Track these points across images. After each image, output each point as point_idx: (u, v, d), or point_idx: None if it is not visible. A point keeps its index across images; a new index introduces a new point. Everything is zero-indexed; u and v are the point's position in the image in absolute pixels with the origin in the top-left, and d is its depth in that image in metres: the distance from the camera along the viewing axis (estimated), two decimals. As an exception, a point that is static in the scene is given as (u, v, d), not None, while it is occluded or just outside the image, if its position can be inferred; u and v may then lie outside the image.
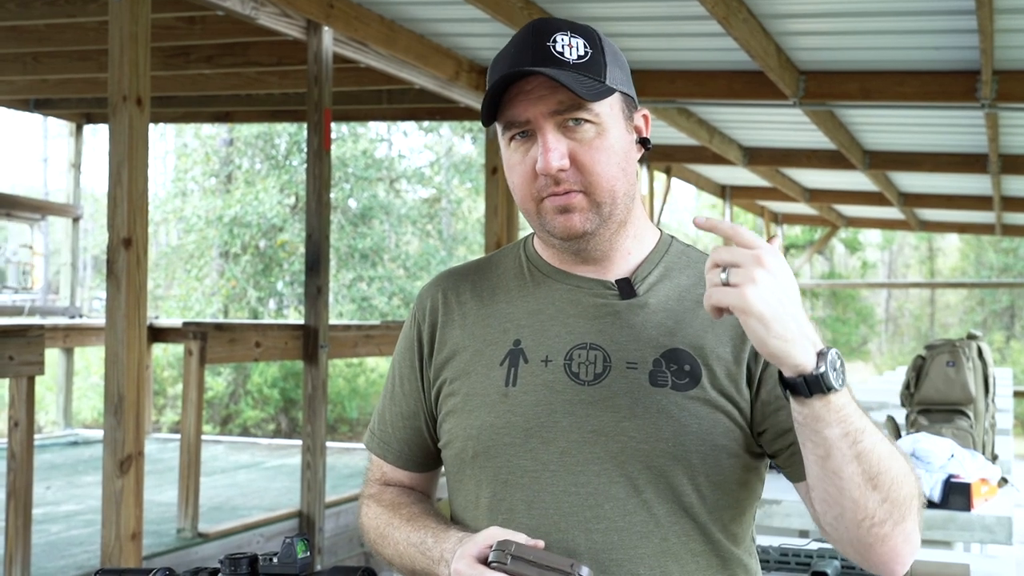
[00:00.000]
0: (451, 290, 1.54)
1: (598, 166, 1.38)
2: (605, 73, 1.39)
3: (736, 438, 1.40)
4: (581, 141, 1.38)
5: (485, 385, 1.44)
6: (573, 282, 1.46)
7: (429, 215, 20.48)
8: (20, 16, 6.39)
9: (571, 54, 1.38)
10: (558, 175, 1.37)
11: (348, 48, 5.95)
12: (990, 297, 26.13)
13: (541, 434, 1.40)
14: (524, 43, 1.40)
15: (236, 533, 5.50)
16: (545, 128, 1.37)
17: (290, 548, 1.34)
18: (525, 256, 1.53)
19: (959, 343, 3.71)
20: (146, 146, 4.12)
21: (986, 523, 3.01)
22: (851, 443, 1.24)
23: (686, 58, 6.23)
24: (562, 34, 1.39)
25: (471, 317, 1.50)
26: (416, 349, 1.54)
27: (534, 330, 1.45)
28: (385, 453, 1.59)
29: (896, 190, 10.71)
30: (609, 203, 1.40)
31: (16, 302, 10.24)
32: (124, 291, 4.02)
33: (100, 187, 19.55)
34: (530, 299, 1.48)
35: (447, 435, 1.49)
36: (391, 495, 1.57)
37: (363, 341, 7.15)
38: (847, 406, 1.24)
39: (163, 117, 9.91)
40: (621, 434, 1.37)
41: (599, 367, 1.40)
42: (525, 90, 1.37)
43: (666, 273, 1.47)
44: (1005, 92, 5.81)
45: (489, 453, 1.42)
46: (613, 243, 1.45)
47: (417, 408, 1.54)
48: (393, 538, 1.49)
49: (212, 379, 17.47)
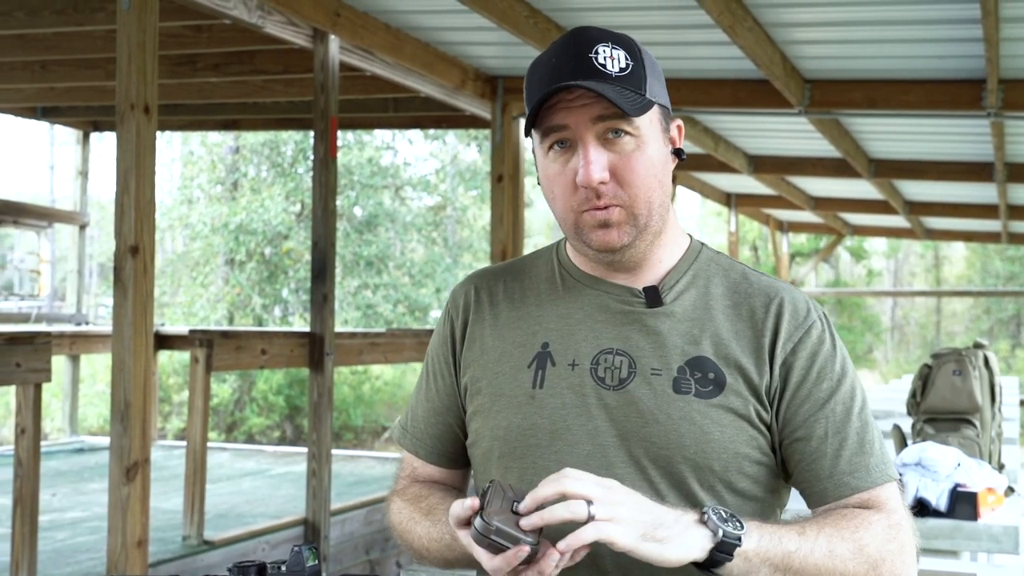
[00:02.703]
0: (484, 289, 1.55)
1: (637, 179, 1.39)
2: (645, 86, 1.39)
3: (760, 446, 1.41)
4: (621, 154, 1.38)
5: (512, 386, 1.46)
6: (603, 288, 1.47)
7: (434, 223, 20.49)
8: (28, 24, 6.41)
9: (613, 66, 1.38)
10: (599, 188, 1.37)
11: (354, 56, 5.97)
12: (996, 306, 26.08)
13: (566, 437, 1.41)
14: (566, 53, 1.39)
15: (241, 540, 5.50)
16: (587, 139, 1.37)
17: (299, 556, 1.35)
18: (557, 260, 1.54)
19: (965, 352, 3.71)
20: (153, 154, 4.13)
21: (993, 532, 3.00)
22: (785, 571, 1.29)
23: (691, 66, 6.24)
24: (604, 45, 1.39)
25: (502, 318, 1.52)
26: (449, 344, 1.55)
27: (562, 334, 1.46)
28: (417, 449, 1.60)
29: (902, 198, 10.70)
30: (646, 215, 1.41)
31: (23, 309, 10.27)
32: (131, 298, 4.03)
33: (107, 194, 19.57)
34: (560, 303, 1.49)
35: (474, 434, 1.51)
36: (415, 490, 1.58)
37: (368, 349, 7.15)
38: (761, 542, 1.27)
39: (169, 125, 9.93)
40: (644, 439, 1.39)
41: (624, 372, 1.41)
42: (567, 99, 1.37)
43: (694, 280, 1.48)
44: (1011, 101, 5.81)
45: (515, 454, 1.44)
46: (647, 253, 1.46)
47: (451, 403, 1.56)
48: (416, 533, 1.51)
49: (217, 386, 17.47)
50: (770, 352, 1.42)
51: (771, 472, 1.44)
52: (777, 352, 1.42)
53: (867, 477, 1.40)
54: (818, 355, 1.43)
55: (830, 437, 1.40)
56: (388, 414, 19.41)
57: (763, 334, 1.43)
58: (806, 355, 1.42)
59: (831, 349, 1.44)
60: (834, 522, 1.35)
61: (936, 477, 3.10)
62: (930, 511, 3.08)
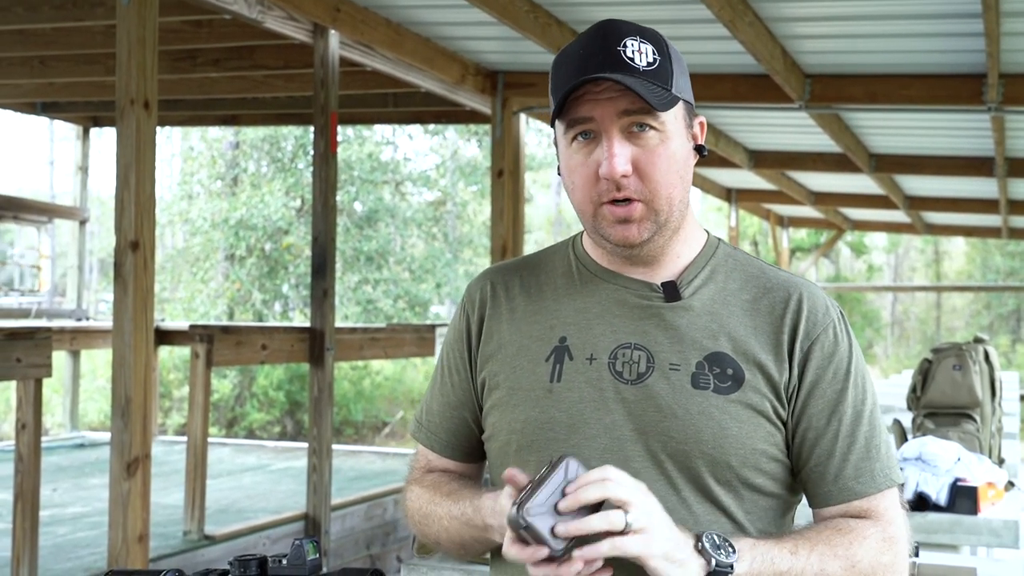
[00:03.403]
0: (500, 284, 1.55)
1: (659, 174, 1.39)
2: (672, 82, 1.39)
3: (776, 443, 1.42)
4: (644, 148, 1.38)
5: (530, 380, 1.46)
6: (620, 282, 1.47)
7: (435, 218, 20.47)
8: (27, 20, 6.40)
9: (641, 60, 1.38)
10: (620, 181, 1.37)
11: (354, 51, 5.96)
12: (996, 301, 26.08)
13: (584, 430, 1.42)
14: (593, 45, 1.39)
15: (242, 535, 5.51)
16: (611, 131, 1.38)
17: (300, 550, 1.35)
18: (574, 254, 1.54)
19: (965, 347, 3.71)
20: (153, 149, 4.13)
21: (993, 527, 3.01)
22: None
23: (692, 61, 6.17)
24: (632, 39, 1.39)
25: (519, 312, 1.52)
26: (465, 340, 1.56)
27: (580, 328, 1.46)
28: (432, 443, 1.61)
29: (902, 193, 10.69)
30: (666, 211, 1.41)
31: (23, 304, 10.27)
32: (131, 294, 4.03)
33: (107, 190, 19.57)
34: (577, 297, 1.49)
35: (491, 428, 1.51)
36: (434, 477, 1.58)
37: (369, 344, 7.16)
38: (752, 565, 1.29)
39: (169, 120, 9.93)
40: (662, 434, 1.39)
41: (642, 367, 1.41)
42: (594, 91, 1.37)
43: (712, 276, 1.48)
44: (1011, 95, 5.81)
45: (532, 447, 1.44)
46: (665, 248, 1.46)
47: (465, 398, 1.56)
48: (436, 515, 1.51)
49: (218, 382, 17.47)
50: (789, 348, 1.42)
51: (788, 469, 1.44)
52: (796, 349, 1.42)
53: (871, 483, 1.41)
54: (835, 354, 1.44)
55: (840, 439, 1.42)
56: (388, 409, 19.42)
57: (782, 330, 1.43)
58: (824, 354, 1.43)
59: (847, 348, 1.45)
60: (828, 538, 1.37)
61: (936, 472, 3.10)
62: (930, 505, 3.08)
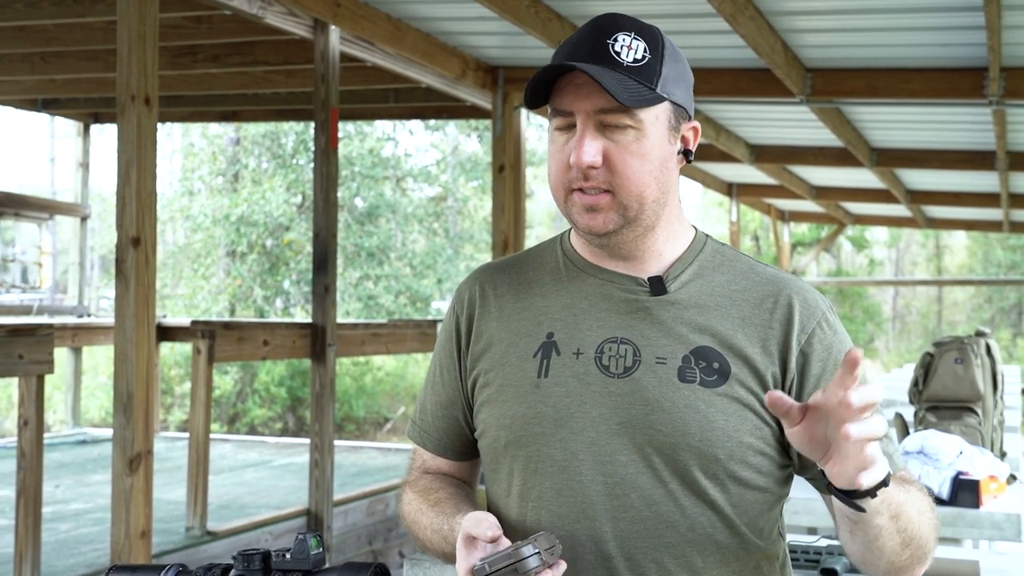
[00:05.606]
0: (488, 283, 1.57)
1: (629, 170, 1.40)
2: (658, 81, 1.40)
3: (763, 436, 1.42)
4: (618, 143, 1.40)
5: (518, 376, 1.47)
6: (606, 277, 1.48)
7: (435, 213, 20.47)
8: (28, 16, 6.40)
9: (628, 56, 1.39)
10: (587, 171, 1.39)
11: (355, 47, 5.96)
12: (998, 294, 26.08)
13: (571, 425, 1.42)
14: (586, 36, 1.42)
15: (244, 531, 5.51)
16: (585, 122, 1.39)
17: (303, 544, 1.35)
18: (562, 250, 1.56)
19: (967, 340, 3.71)
20: (154, 145, 4.13)
21: (995, 520, 3.01)
22: (895, 522, 1.32)
23: (692, 55, 6.15)
24: (625, 34, 1.40)
25: (507, 310, 1.53)
26: (455, 340, 1.57)
27: (567, 323, 1.47)
28: (425, 442, 1.62)
29: (903, 187, 10.69)
30: (636, 207, 1.42)
31: (24, 301, 10.27)
32: (133, 290, 4.03)
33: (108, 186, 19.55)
34: (564, 293, 1.50)
35: (482, 425, 1.52)
36: (425, 482, 1.60)
37: (370, 339, 7.16)
38: (890, 488, 1.28)
39: (170, 116, 9.93)
40: (648, 427, 1.40)
41: (629, 361, 1.42)
42: (576, 83, 1.39)
43: (700, 272, 1.48)
44: (1013, 89, 5.80)
45: (520, 442, 1.45)
46: (639, 244, 1.47)
47: (456, 397, 1.57)
48: (421, 524, 1.53)
49: (219, 378, 17.48)
50: (782, 343, 1.43)
51: (775, 463, 1.44)
52: (792, 343, 1.43)
53: (892, 465, 1.42)
54: (833, 345, 1.45)
55: None
56: (390, 405, 19.44)
57: (771, 325, 1.43)
58: (823, 345, 1.44)
59: (842, 339, 1.47)
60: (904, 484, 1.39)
61: (938, 465, 3.10)
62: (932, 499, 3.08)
